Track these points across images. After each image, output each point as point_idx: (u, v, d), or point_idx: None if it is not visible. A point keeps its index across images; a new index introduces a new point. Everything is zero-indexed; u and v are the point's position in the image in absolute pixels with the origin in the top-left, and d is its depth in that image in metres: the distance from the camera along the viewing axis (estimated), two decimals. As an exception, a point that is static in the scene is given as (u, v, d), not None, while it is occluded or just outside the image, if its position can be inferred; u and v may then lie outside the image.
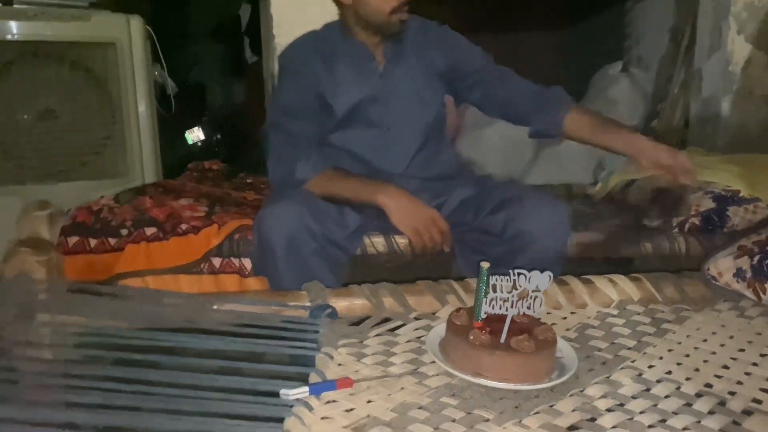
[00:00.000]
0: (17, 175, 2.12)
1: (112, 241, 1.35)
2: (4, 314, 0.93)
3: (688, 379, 0.83)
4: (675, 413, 0.75)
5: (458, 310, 0.89)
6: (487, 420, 0.73)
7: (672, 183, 1.23)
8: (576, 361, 0.84)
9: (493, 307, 0.82)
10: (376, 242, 1.32)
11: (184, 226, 1.37)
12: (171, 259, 1.32)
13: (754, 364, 0.87)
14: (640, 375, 0.84)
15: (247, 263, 1.34)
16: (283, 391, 0.74)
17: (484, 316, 0.83)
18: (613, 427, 0.72)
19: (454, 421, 0.73)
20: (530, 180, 2.35)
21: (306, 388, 0.75)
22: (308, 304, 1.01)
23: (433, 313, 1.01)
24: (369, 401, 0.76)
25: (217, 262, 1.34)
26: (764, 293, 1.05)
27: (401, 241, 1.30)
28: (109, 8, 2.15)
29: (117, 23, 2.11)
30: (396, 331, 0.95)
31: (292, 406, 0.73)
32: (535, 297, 0.81)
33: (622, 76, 2.62)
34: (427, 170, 1.39)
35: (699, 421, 0.74)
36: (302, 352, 0.88)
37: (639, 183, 1.60)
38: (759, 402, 0.78)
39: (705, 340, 0.94)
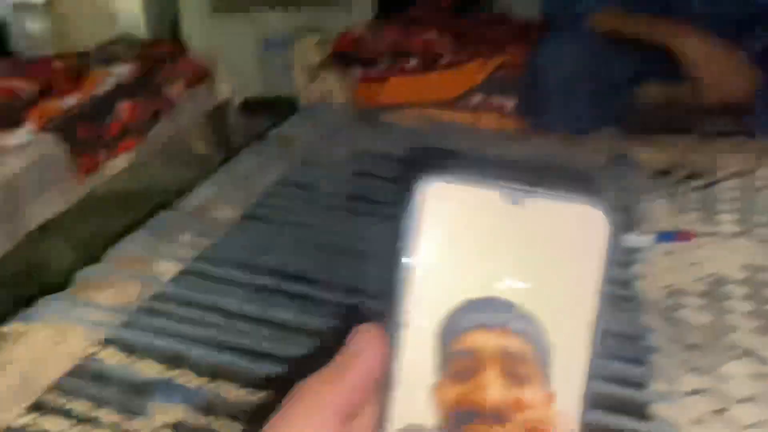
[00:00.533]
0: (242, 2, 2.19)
1: (373, 71, 1.35)
2: (310, 135, 0.98)
3: None
4: None
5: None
6: None
7: None
8: None
9: None
10: (657, 91, 1.21)
11: (444, 61, 1.33)
12: (432, 94, 1.31)
13: None
14: None
15: (508, 102, 1.30)
16: (626, 237, 0.72)
17: None
18: None
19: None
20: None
21: (651, 236, 0.72)
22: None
23: (750, 172, 0.92)
24: (710, 257, 0.72)
25: (476, 98, 1.31)
26: None
27: (688, 90, 1.19)
28: None
29: None
30: (711, 188, 0.89)
31: (636, 252, 0.71)
32: None
33: None
34: (724, 6, 1.22)
35: None
36: (614, 201, 0.84)
37: None
38: None
39: None
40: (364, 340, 0.24)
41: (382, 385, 0.23)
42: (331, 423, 0.22)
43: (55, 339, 0.54)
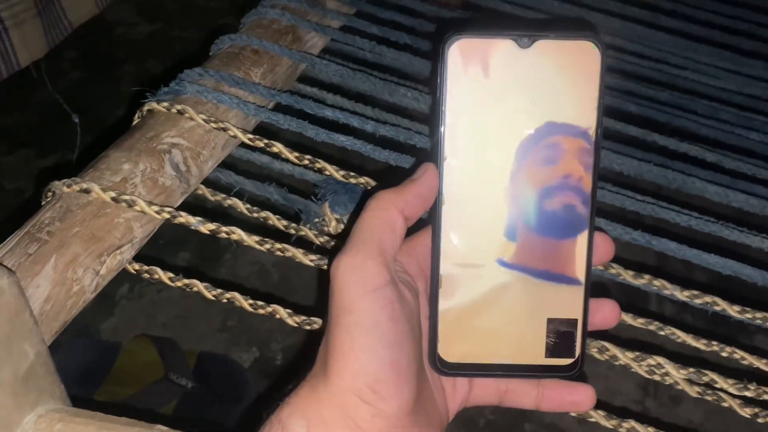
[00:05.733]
0: None
1: None
2: None
3: None
4: None
5: None
6: None
7: None
8: None
9: None
10: None
11: None
12: None
13: None
14: None
15: None
16: None
17: None
18: None
19: None
20: None
21: None
22: None
23: None
24: None
25: None
26: None
27: None
28: None
29: None
30: None
31: None
32: None
33: None
34: None
35: None
36: None
37: None
38: None
39: None
40: (422, 169, 0.33)
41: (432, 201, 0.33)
42: (395, 216, 0.32)
43: (209, 125, 0.46)
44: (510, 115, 0.32)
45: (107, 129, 1.33)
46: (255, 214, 0.47)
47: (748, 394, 0.40)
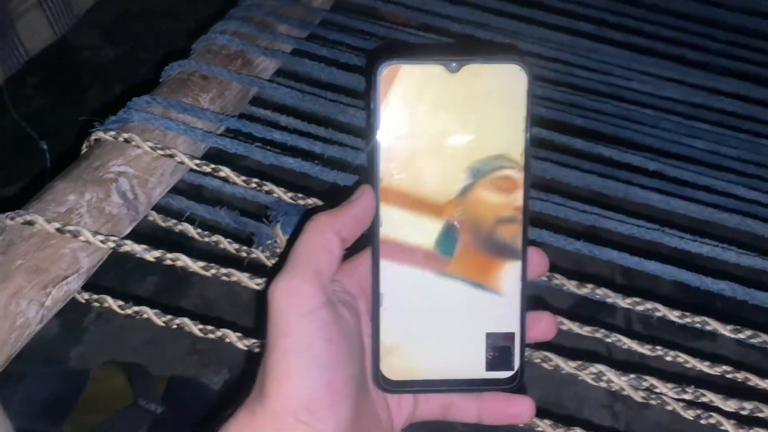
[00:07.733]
0: None
1: None
2: None
3: None
4: None
5: None
6: None
7: None
8: None
9: None
10: None
11: None
12: None
13: None
14: None
15: None
16: None
17: None
18: None
19: None
20: None
21: None
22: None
23: None
24: None
25: None
26: None
27: None
28: None
29: None
30: None
31: None
32: None
33: None
34: None
35: None
36: None
37: None
38: None
39: None
40: (359, 191, 0.34)
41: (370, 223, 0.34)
42: (331, 238, 0.32)
43: (156, 152, 0.47)
44: (440, 139, 0.34)
45: (75, 155, 1.32)
46: (206, 239, 0.48)
47: (686, 396, 0.41)
